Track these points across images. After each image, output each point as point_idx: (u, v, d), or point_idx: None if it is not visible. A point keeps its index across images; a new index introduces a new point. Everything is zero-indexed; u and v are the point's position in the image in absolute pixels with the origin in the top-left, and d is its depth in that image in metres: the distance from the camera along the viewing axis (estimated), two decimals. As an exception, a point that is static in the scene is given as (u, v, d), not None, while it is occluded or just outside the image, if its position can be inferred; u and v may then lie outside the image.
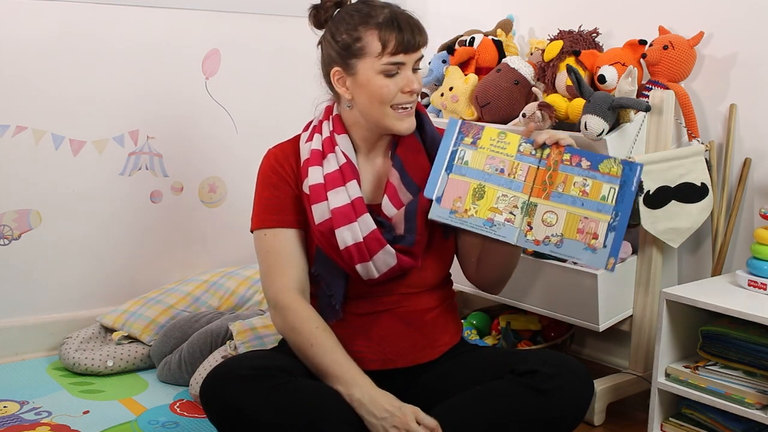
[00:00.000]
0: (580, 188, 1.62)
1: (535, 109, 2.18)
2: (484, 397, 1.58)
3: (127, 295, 2.62)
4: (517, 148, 1.67)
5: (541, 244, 1.61)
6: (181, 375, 2.31)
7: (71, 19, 2.48)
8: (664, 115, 2.15)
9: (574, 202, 1.62)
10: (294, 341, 1.67)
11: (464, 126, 1.70)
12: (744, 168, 2.22)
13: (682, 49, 2.21)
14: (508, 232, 1.63)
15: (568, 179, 1.63)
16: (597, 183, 1.62)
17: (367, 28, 1.65)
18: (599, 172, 1.63)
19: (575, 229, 1.60)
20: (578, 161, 1.64)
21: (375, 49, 1.64)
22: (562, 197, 1.63)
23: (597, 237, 1.59)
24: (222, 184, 2.84)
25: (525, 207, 1.63)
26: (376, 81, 1.65)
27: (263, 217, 1.74)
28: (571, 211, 1.62)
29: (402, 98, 1.67)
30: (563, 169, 1.64)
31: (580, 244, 1.60)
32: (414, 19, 1.68)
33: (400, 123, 1.69)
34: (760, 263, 2.00)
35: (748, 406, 1.86)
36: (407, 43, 1.64)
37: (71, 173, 2.54)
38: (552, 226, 1.61)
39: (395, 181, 1.71)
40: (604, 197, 1.61)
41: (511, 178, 1.65)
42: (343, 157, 1.72)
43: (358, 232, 1.66)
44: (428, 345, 1.76)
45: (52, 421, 2.06)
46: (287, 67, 2.87)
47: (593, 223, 1.60)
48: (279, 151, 1.78)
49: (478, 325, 2.61)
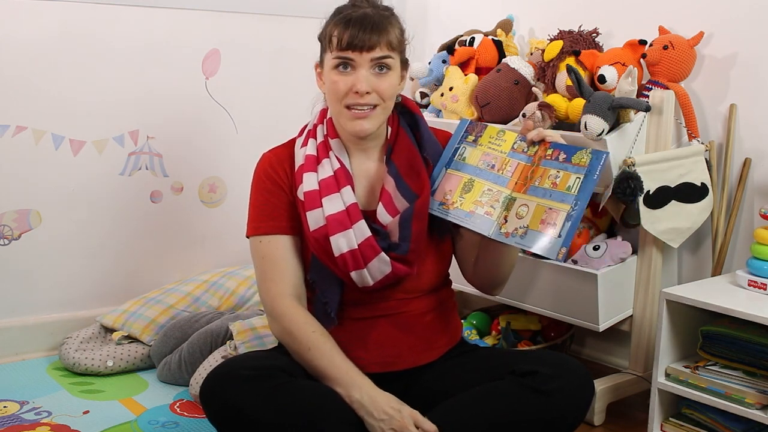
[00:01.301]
0: (552, 180, 1.63)
1: (535, 109, 2.18)
2: (484, 397, 1.58)
3: (127, 295, 2.62)
4: (512, 145, 1.70)
5: (509, 236, 1.62)
6: (181, 375, 2.31)
7: (71, 19, 2.48)
8: (664, 115, 2.15)
9: (544, 194, 1.63)
10: (291, 347, 1.67)
11: (470, 125, 1.77)
12: (744, 168, 2.22)
13: (682, 49, 2.21)
14: (484, 224, 1.65)
15: (545, 173, 1.65)
16: (566, 174, 1.63)
17: (332, 23, 1.69)
18: (571, 163, 1.63)
19: (539, 220, 1.60)
20: (557, 155, 1.65)
21: (333, 44, 1.66)
22: (536, 190, 1.64)
23: (555, 226, 1.59)
24: (222, 184, 2.84)
25: (505, 201, 1.65)
26: (330, 75, 1.68)
27: (258, 224, 1.73)
28: (540, 203, 1.62)
29: (350, 98, 1.66)
30: (544, 164, 1.66)
31: (539, 234, 1.59)
32: (377, 18, 1.66)
33: (351, 124, 1.68)
34: (760, 263, 2.00)
35: (748, 406, 1.86)
36: (351, 38, 1.63)
37: (71, 173, 2.54)
38: (522, 219, 1.62)
39: (390, 188, 1.70)
40: (569, 187, 1.61)
41: (499, 174, 1.68)
42: (337, 162, 1.71)
43: (353, 239, 1.65)
44: (427, 347, 1.75)
45: (52, 421, 2.06)
46: (287, 67, 2.87)
47: (554, 213, 1.60)
48: (273, 155, 1.77)
49: (478, 325, 2.61)
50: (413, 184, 1.70)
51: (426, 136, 1.76)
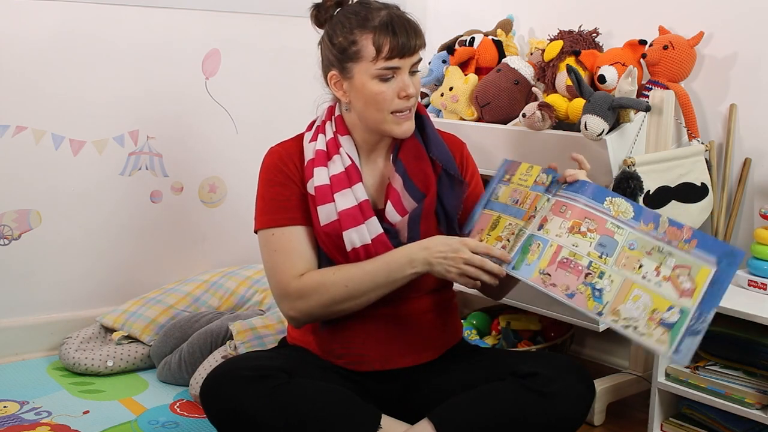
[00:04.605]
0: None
1: (535, 109, 2.18)
2: (484, 398, 1.58)
3: (127, 295, 2.62)
4: (534, 179, 1.67)
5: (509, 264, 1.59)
6: (181, 375, 2.31)
7: (71, 19, 2.48)
8: (664, 115, 2.14)
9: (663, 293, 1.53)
10: (326, 299, 1.64)
11: (508, 164, 1.73)
12: (744, 168, 2.22)
13: (682, 49, 2.21)
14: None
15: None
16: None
17: (362, 32, 1.63)
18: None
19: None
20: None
21: (370, 54, 1.62)
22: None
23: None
24: (222, 184, 2.84)
25: (519, 233, 1.60)
26: (371, 86, 1.64)
27: (270, 216, 1.71)
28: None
29: (399, 104, 1.65)
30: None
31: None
32: (412, 22, 1.66)
33: (399, 127, 1.68)
34: (760, 263, 2.00)
35: (748, 406, 1.86)
36: (402, 47, 1.62)
37: (71, 173, 2.54)
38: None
39: (398, 187, 1.70)
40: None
41: (519, 207, 1.65)
42: (348, 159, 1.71)
43: (366, 234, 1.65)
44: (427, 345, 1.75)
45: (52, 421, 2.06)
46: (287, 67, 2.87)
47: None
48: (282, 149, 1.75)
49: (478, 325, 2.61)
50: (420, 183, 1.70)
51: (432, 137, 1.76)
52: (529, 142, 2.22)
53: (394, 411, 1.66)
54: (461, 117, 2.46)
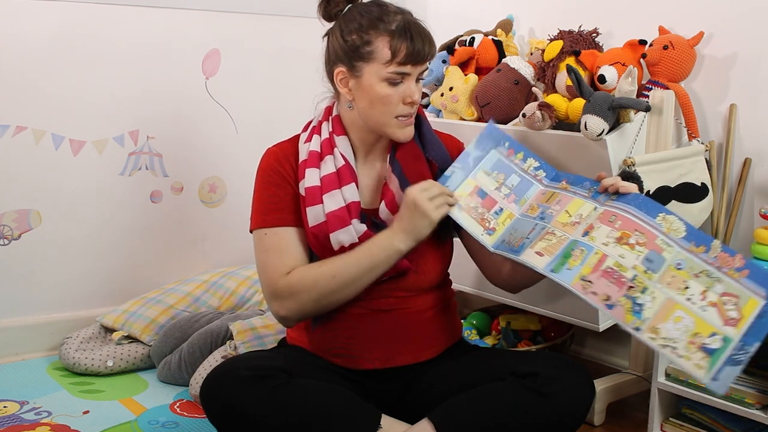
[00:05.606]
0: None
1: (535, 109, 2.17)
2: (484, 398, 1.58)
3: (127, 295, 2.62)
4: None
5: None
6: (181, 375, 2.31)
7: (71, 19, 2.48)
8: (664, 115, 2.14)
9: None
10: (315, 294, 1.65)
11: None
12: (744, 168, 2.22)
13: (682, 49, 2.21)
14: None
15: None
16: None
17: (378, 33, 1.63)
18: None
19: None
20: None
21: (384, 56, 1.62)
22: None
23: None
24: (222, 184, 2.84)
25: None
26: (379, 88, 1.64)
27: (263, 217, 1.72)
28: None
29: (403, 109, 1.66)
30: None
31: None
32: (426, 30, 1.66)
33: (401, 131, 1.69)
34: (760, 263, 2.00)
35: (748, 406, 1.86)
36: (417, 53, 1.62)
37: (71, 173, 2.54)
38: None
39: (394, 188, 1.70)
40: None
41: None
42: (342, 159, 1.71)
43: (354, 234, 1.66)
44: (427, 344, 1.75)
45: (52, 421, 2.06)
46: (287, 67, 2.87)
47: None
48: (279, 150, 1.77)
49: (478, 325, 2.61)
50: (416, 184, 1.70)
51: (429, 137, 1.76)
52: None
53: (393, 411, 1.66)
54: (461, 117, 2.46)
